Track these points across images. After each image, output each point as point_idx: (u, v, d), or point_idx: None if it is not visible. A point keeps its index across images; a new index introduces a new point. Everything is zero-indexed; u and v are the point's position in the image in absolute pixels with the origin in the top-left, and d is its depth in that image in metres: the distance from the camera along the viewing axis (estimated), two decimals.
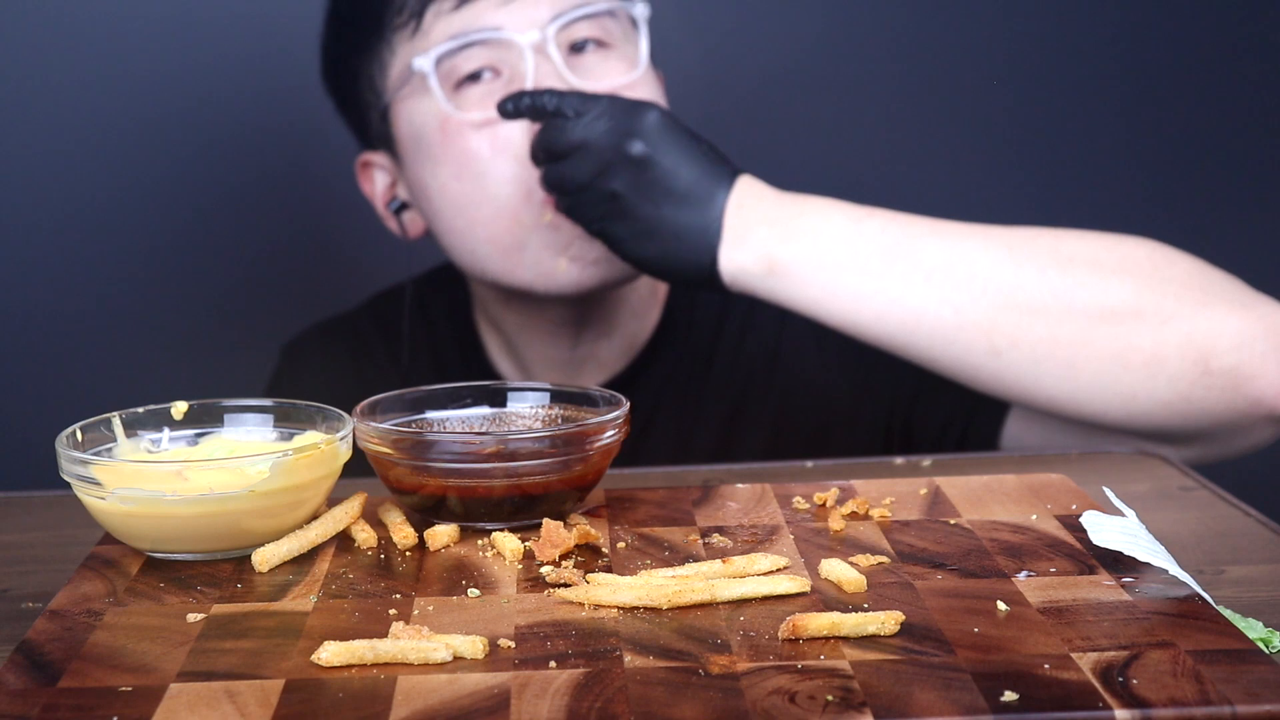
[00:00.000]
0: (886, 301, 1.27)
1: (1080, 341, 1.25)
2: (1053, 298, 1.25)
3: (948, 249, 1.27)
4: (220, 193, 2.00)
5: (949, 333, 1.27)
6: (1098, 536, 0.94)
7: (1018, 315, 1.25)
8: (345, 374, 1.61)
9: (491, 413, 1.11)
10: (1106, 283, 1.26)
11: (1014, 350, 1.26)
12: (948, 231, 1.29)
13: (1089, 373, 1.25)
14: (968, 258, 1.27)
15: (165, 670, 0.81)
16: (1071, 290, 1.25)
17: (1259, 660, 0.80)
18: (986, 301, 1.26)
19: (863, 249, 1.27)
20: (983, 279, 1.26)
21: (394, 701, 0.77)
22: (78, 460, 0.97)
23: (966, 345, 1.27)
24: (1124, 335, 1.24)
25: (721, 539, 0.99)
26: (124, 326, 2.01)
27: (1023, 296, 1.25)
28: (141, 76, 1.95)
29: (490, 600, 0.90)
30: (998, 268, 1.26)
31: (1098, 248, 1.28)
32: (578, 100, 1.31)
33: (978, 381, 1.29)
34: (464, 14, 1.40)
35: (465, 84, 1.41)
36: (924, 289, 1.26)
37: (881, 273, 1.27)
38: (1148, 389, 1.25)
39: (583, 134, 1.30)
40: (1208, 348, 1.23)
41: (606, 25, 1.44)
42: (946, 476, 1.10)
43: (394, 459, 1.01)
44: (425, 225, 1.50)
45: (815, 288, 1.28)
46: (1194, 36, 2.06)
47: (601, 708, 0.76)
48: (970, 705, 0.75)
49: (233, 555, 0.97)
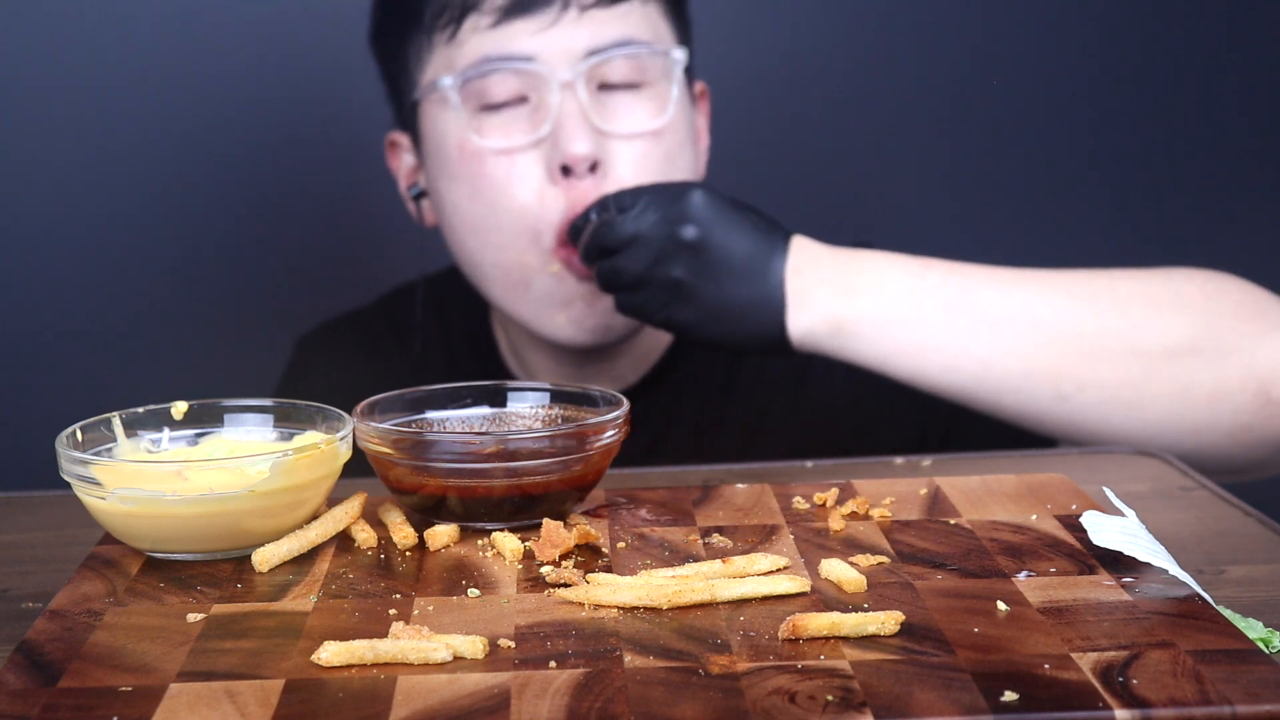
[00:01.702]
0: (953, 354, 1.28)
1: (1144, 381, 1.27)
2: (1115, 340, 1.27)
3: (1009, 297, 1.28)
4: (233, 191, 2.00)
5: (1016, 381, 1.28)
6: (1098, 536, 0.94)
7: (1082, 360, 1.27)
8: (358, 369, 1.61)
9: (492, 413, 1.11)
10: (1165, 321, 1.27)
11: (1080, 394, 1.27)
12: (1006, 279, 1.29)
13: (1154, 410, 1.27)
14: (1029, 305, 1.28)
15: (165, 670, 0.81)
16: (1133, 332, 1.27)
17: (1259, 660, 0.80)
18: (1051, 348, 1.27)
19: (926, 302, 1.28)
20: (1046, 326, 1.27)
21: (394, 701, 0.77)
22: (78, 460, 0.97)
23: (1033, 392, 1.28)
24: (1186, 372, 1.26)
25: (721, 539, 0.99)
26: (124, 326, 2.01)
27: (1086, 341, 1.27)
28: (151, 77, 1.95)
29: (490, 600, 0.90)
30: (1060, 314, 1.28)
31: (1152, 285, 1.29)
32: (620, 197, 1.31)
33: (1043, 426, 1.30)
34: (500, 34, 1.38)
35: (491, 108, 1.40)
36: (989, 339, 1.27)
37: (946, 325, 1.28)
38: (1211, 423, 1.27)
39: (633, 228, 1.29)
40: (1268, 378, 1.26)
41: (644, 64, 1.41)
42: (946, 476, 1.10)
43: (394, 459, 1.01)
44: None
45: (883, 343, 1.28)
46: (1220, 45, 2.07)
47: (601, 708, 0.76)
48: (970, 705, 0.75)
49: (233, 555, 0.97)
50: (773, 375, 1.53)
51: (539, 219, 1.38)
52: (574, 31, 1.38)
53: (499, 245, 1.41)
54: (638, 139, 1.40)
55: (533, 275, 1.41)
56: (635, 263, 1.29)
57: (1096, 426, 1.29)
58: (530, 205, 1.39)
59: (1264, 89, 2.08)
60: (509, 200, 1.39)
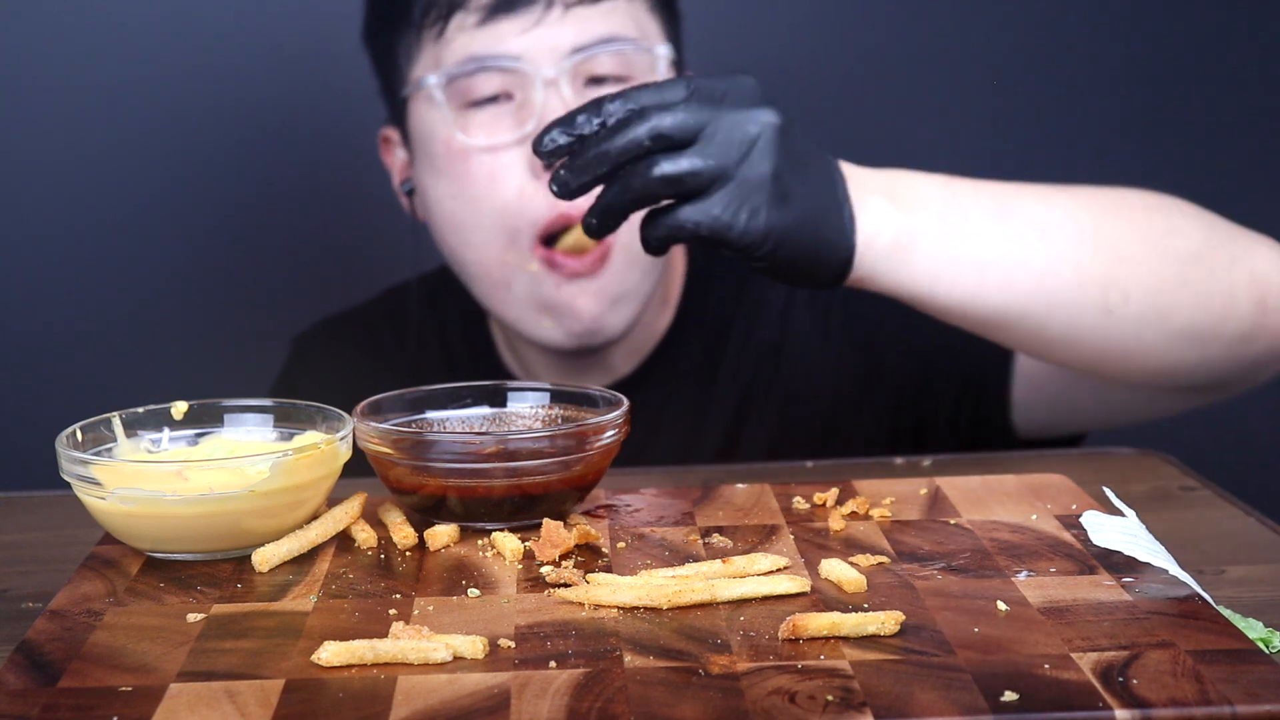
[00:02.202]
0: (1011, 266, 1.17)
1: (1176, 287, 1.21)
2: (1150, 246, 1.21)
3: (1049, 206, 1.20)
4: (228, 192, 2.00)
5: (1069, 293, 1.19)
6: (1098, 536, 0.94)
7: (1127, 267, 1.20)
8: (356, 367, 1.61)
9: (491, 413, 1.11)
10: (1183, 226, 1.23)
11: (1125, 306, 1.20)
12: (1037, 191, 1.22)
13: (1179, 321, 1.22)
14: (1072, 213, 1.20)
15: (165, 670, 0.81)
16: (1163, 237, 1.22)
17: (1259, 660, 0.80)
18: (1100, 255, 1.20)
19: (973, 214, 1.17)
20: (1092, 232, 1.20)
21: (394, 701, 0.77)
22: (78, 460, 0.97)
23: (1083, 305, 1.20)
24: (1206, 279, 1.22)
25: (721, 539, 0.99)
26: (124, 326, 2.01)
27: (1128, 247, 1.21)
28: (147, 77, 1.95)
29: (490, 600, 0.90)
30: (1100, 220, 1.21)
31: (1150, 197, 1.26)
32: (645, 93, 1.07)
33: (1083, 348, 1.22)
34: (485, 33, 1.39)
35: (477, 104, 1.40)
36: (1044, 248, 1.18)
37: (999, 235, 1.17)
38: (1219, 333, 1.23)
39: (697, 114, 1.05)
40: (1265, 287, 1.23)
41: (629, 60, 1.41)
42: (946, 476, 1.10)
43: (394, 459, 1.01)
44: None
45: (937, 259, 1.16)
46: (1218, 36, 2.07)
47: (601, 708, 0.76)
48: (970, 705, 0.75)
49: (233, 555, 0.97)
50: (754, 359, 1.53)
51: (519, 216, 1.39)
52: (558, 29, 1.39)
53: (480, 244, 1.42)
54: None
55: (512, 274, 1.41)
56: (715, 156, 1.05)
57: (1131, 345, 1.22)
58: (511, 202, 1.39)
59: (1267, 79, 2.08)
60: (491, 197, 1.40)
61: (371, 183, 1.75)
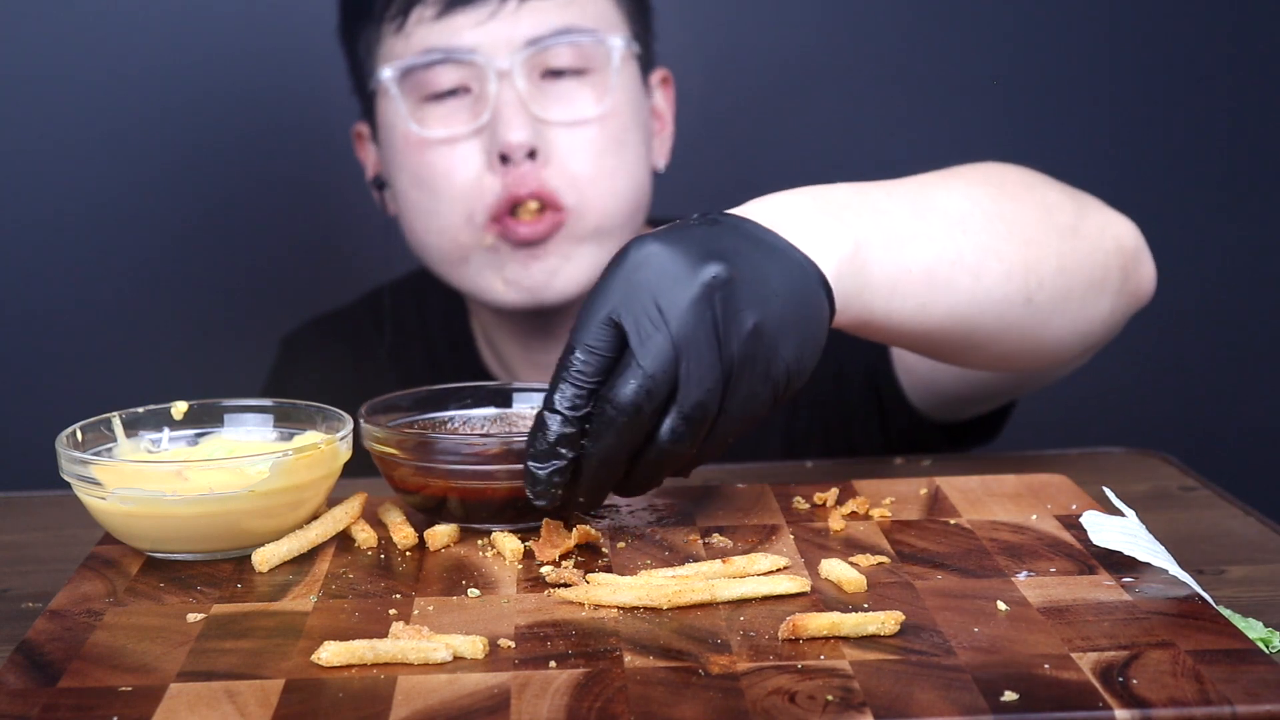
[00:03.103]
0: (949, 265, 1.07)
1: (1071, 267, 1.14)
2: (1044, 225, 1.14)
3: (953, 195, 1.11)
4: (221, 190, 2.00)
5: (1000, 286, 1.09)
6: (1098, 536, 0.94)
7: (1035, 250, 1.12)
8: (344, 367, 1.62)
9: (496, 413, 1.11)
10: (1057, 199, 1.17)
11: (1040, 291, 1.12)
12: (933, 181, 1.13)
13: (1075, 301, 1.15)
14: (975, 200, 1.11)
15: (165, 670, 0.81)
16: (1047, 214, 1.15)
17: (1259, 660, 0.80)
18: (1013, 242, 1.11)
19: (899, 215, 1.06)
20: (997, 217, 1.11)
21: (394, 701, 0.77)
22: (78, 460, 0.97)
23: (1011, 297, 1.10)
24: (1089, 252, 1.16)
25: (721, 539, 0.99)
26: (124, 326, 2.01)
27: (1028, 230, 1.13)
28: (140, 76, 1.95)
29: (490, 600, 0.90)
30: (999, 204, 1.12)
31: (1015, 171, 1.19)
32: (555, 394, 0.92)
33: (1001, 345, 1.14)
34: (442, 26, 1.41)
35: (436, 98, 1.42)
36: (969, 241, 1.08)
37: (930, 235, 1.06)
38: (1099, 304, 1.17)
39: (653, 352, 0.90)
40: (1125, 253, 1.19)
41: (586, 52, 1.43)
42: (946, 476, 1.10)
43: (398, 459, 1.01)
44: None
45: (890, 268, 1.03)
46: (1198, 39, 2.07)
47: (601, 708, 0.76)
48: (970, 705, 0.75)
49: (233, 555, 0.97)
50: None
51: (474, 201, 1.41)
52: (514, 22, 1.40)
53: (439, 229, 1.44)
54: (580, 126, 1.42)
55: (469, 252, 1.43)
56: (702, 378, 0.90)
57: (1039, 334, 1.14)
58: (467, 192, 1.42)
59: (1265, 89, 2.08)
60: (447, 187, 1.42)
61: (362, 181, 1.76)
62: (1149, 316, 1.29)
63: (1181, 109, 2.07)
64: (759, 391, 0.93)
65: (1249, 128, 2.09)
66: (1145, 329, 1.43)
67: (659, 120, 1.54)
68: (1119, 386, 2.06)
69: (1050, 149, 2.06)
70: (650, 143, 1.51)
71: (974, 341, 1.12)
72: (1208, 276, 2.08)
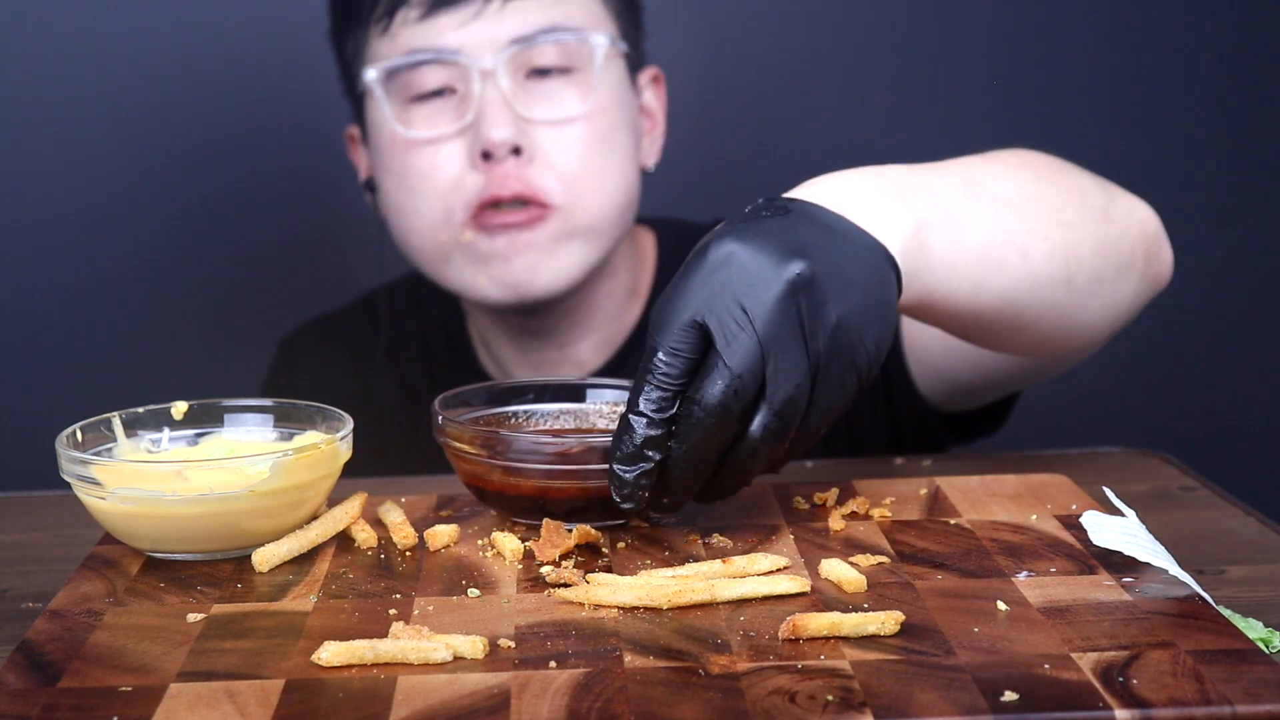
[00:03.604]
0: (1001, 244, 1.06)
1: (1107, 250, 1.14)
2: (1080, 208, 1.14)
3: (998, 178, 1.10)
4: (220, 191, 2.00)
5: (1045, 266, 1.09)
6: (1098, 536, 0.94)
7: (1074, 232, 1.12)
8: (341, 368, 1.62)
9: (569, 408, 1.11)
10: (1086, 183, 1.18)
11: (1079, 274, 1.12)
12: (979, 164, 1.13)
13: (1108, 284, 1.15)
14: (1018, 182, 1.11)
15: (165, 670, 0.81)
16: (1082, 196, 1.15)
17: (1259, 660, 0.80)
18: (1055, 223, 1.10)
19: (952, 195, 1.05)
20: (1039, 200, 1.11)
21: (394, 701, 0.77)
22: (78, 460, 0.97)
23: (1054, 279, 1.10)
24: (1119, 235, 1.16)
25: (721, 539, 0.99)
26: (124, 326, 2.01)
27: (1067, 212, 1.13)
28: (138, 77, 1.95)
29: (490, 600, 0.90)
30: (1039, 186, 1.12)
31: (1043, 157, 1.20)
32: (640, 389, 0.93)
33: (1041, 329, 1.13)
34: (427, 27, 1.41)
35: (422, 99, 1.42)
36: (1016, 222, 1.08)
37: (982, 215, 1.06)
38: (1126, 287, 1.17)
39: (739, 352, 0.90)
40: (1149, 237, 1.19)
41: (571, 50, 1.43)
42: (946, 476, 1.10)
43: (480, 457, 1.00)
44: None
45: (949, 248, 1.03)
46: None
47: (601, 708, 0.76)
48: (970, 705, 0.75)
49: (233, 555, 0.97)
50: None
51: (454, 199, 1.42)
52: (498, 21, 1.40)
53: (420, 229, 1.44)
54: (565, 124, 1.42)
55: (450, 251, 1.44)
56: (790, 373, 0.91)
57: (1077, 317, 1.14)
58: (448, 190, 1.42)
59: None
60: (430, 186, 1.42)
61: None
62: (1149, 317, 1.29)
63: (1181, 110, 2.07)
64: (846, 381, 0.94)
65: (1249, 129, 2.08)
66: (1145, 329, 1.43)
67: (649, 119, 1.54)
68: (1119, 386, 2.06)
69: (1050, 150, 2.06)
70: (639, 141, 1.51)
71: (1020, 324, 1.12)
72: (1208, 277, 2.08)
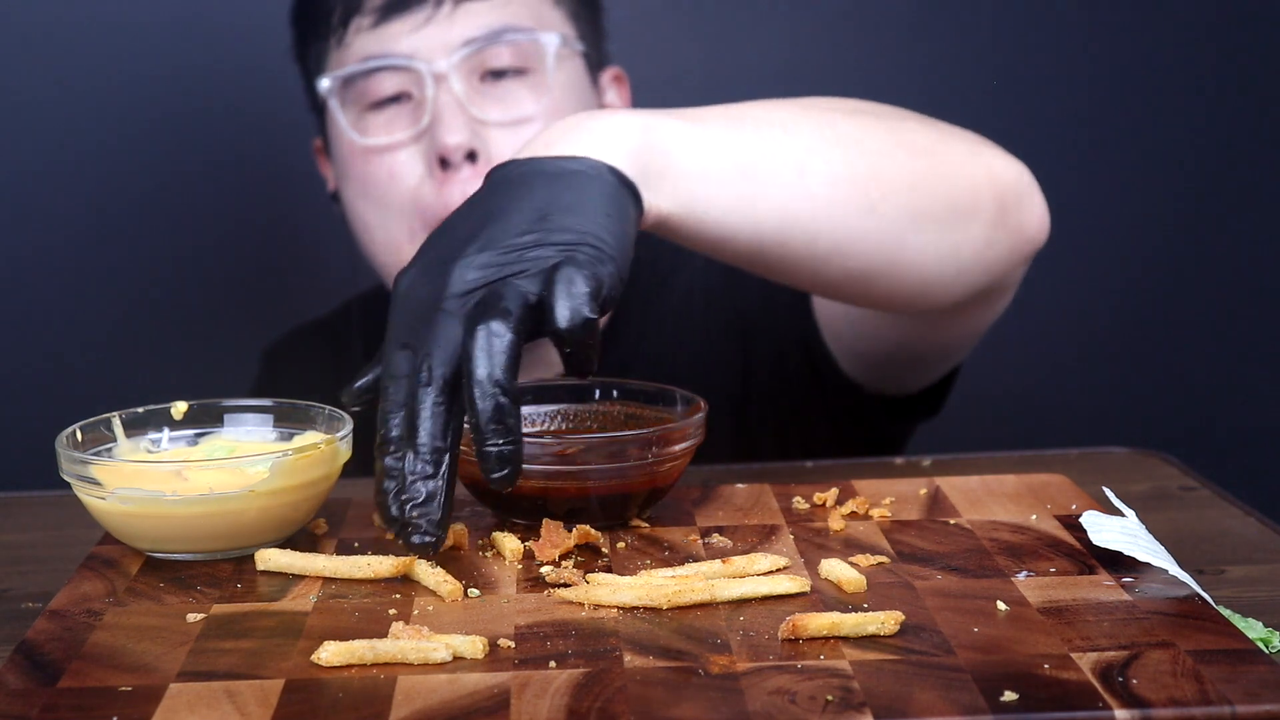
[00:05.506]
0: (771, 168, 1.08)
1: (926, 182, 1.14)
2: (890, 139, 1.14)
3: (774, 109, 1.12)
4: (211, 196, 2.01)
5: (830, 190, 1.10)
6: (1098, 536, 0.94)
7: (875, 159, 1.12)
8: (325, 376, 1.61)
9: (556, 409, 1.11)
10: (911, 123, 1.18)
11: (884, 201, 1.12)
12: (753, 103, 1.13)
13: (935, 219, 1.15)
14: (804, 110, 1.13)
15: (165, 670, 0.81)
16: (897, 131, 1.15)
17: (1259, 660, 0.80)
18: (847, 149, 1.11)
19: (709, 119, 1.08)
20: (828, 126, 1.12)
21: (394, 701, 0.77)
22: (78, 460, 0.97)
23: (847, 204, 1.11)
24: (952, 173, 1.16)
25: (721, 539, 0.99)
26: (124, 326, 2.01)
27: (869, 142, 1.13)
28: (131, 82, 1.96)
29: (490, 600, 0.90)
30: (830, 116, 1.14)
31: (865, 102, 1.20)
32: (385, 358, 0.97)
33: (852, 259, 1.13)
34: (380, 34, 1.41)
35: (378, 106, 1.42)
36: (792, 144, 1.09)
37: (745, 139, 1.08)
38: (968, 236, 1.17)
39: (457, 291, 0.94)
40: (1002, 184, 1.18)
41: (525, 51, 1.42)
42: (946, 476, 1.10)
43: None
44: None
45: (697, 173, 1.05)
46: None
47: (601, 708, 0.76)
48: (970, 705, 0.75)
49: (233, 555, 0.97)
50: (672, 350, 1.51)
51: (410, 213, 1.41)
52: (449, 25, 1.40)
53: (383, 240, 1.44)
54: (520, 125, 1.41)
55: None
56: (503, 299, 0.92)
57: (895, 250, 1.14)
58: (408, 202, 1.41)
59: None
60: (390, 196, 1.42)
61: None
62: (1149, 317, 1.29)
63: (1181, 112, 2.07)
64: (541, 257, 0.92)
65: (1248, 130, 2.08)
66: (1145, 329, 1.43)
67: None
68: (1119, 386, 2.06)
69: (1050, 150, 2.06)
70: None
71: (818, 250, 1.11)
72: (1208, 277, 2.08)
